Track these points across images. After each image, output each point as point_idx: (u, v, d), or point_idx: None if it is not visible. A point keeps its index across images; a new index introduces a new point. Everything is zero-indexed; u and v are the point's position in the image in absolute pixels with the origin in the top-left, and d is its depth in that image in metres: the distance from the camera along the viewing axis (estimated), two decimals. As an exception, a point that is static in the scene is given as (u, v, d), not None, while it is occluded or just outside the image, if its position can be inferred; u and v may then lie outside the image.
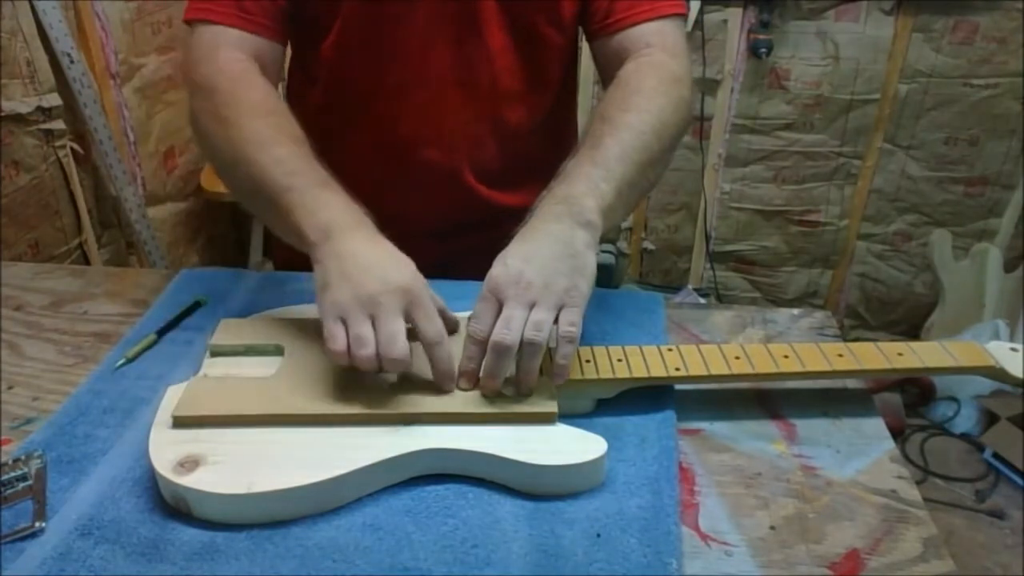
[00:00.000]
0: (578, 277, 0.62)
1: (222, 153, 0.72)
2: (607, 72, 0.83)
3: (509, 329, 0.59)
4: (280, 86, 0.85)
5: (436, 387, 0.62)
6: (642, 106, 0.75)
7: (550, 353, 0.62)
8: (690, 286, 2.38)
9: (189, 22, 0.79)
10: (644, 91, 0.76)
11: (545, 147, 0.92)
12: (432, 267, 0.90)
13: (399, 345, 0.58)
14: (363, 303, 0.59)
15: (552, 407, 0.60)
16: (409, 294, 0.60)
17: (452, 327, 0.67)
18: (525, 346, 0.60)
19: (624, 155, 0.70)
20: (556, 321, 0.61)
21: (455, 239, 0.95)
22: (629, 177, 0.70)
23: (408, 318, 0.60)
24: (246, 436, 0.58)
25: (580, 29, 0.90)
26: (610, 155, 0.70)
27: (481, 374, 0.61)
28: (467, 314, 0.63)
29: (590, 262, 0.64)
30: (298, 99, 0.95)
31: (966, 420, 2.03)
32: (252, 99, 0.73)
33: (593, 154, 0.70)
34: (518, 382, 0.61)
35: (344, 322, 0.59)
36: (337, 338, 0.58)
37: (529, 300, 0.60)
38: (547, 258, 0.62)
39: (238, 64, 0.76)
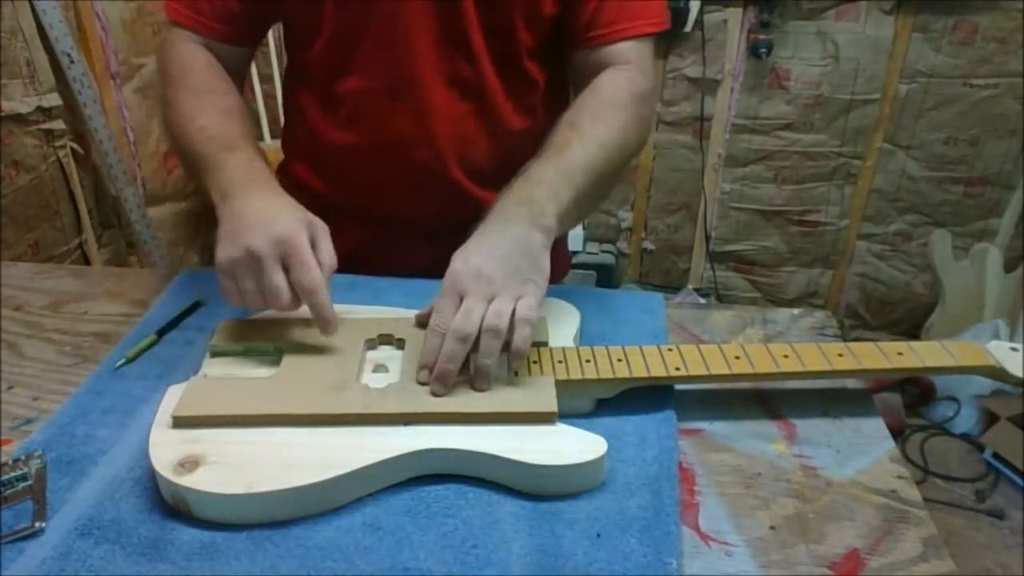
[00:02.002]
0: (535, 275, 0.66)
1: (169, 131, 0.81)
2: (581, 81, 0.85)
3: (469, 319, 0.62)
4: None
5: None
6: (611, 121, 0.78)
7: (550, 352, 0.62)
8: (690, 286, 2.38)
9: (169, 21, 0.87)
10: (615, 105, 0.80)
11: (539, 147, 0.92)
12: (428, 267, 0.90)
13: (282, 299, 0.63)
14: (246, 259, 0.63)
15: (552, 407, 0.60)
16: (285, 244, 0.63)
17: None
18: (485, 331, 0.62)
19: (588, 167, 0.74)
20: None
21: (450, 240, 0.94)
22: (587, 189, 0.74)
23: (285, 267, 0.63)
24: (246, 436, 0.58)
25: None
26: (575, 164, 0.73)
27: (439, 358, 0.62)
28: None
29: (545, 263, 0.67)
30: (295, 101, 0.95)
31: (966, 420, 2.03)
32: (191, 82, 0.81)
33: (558, 160, 0.73)
34: (477, 364, 0.62)
35: (233, 277, 0.64)
36: (228, 292, 0.65)
37: (489, 295, 0.63)
38: (506, 257, 0.65)
39: (188, 55, 0.84)
